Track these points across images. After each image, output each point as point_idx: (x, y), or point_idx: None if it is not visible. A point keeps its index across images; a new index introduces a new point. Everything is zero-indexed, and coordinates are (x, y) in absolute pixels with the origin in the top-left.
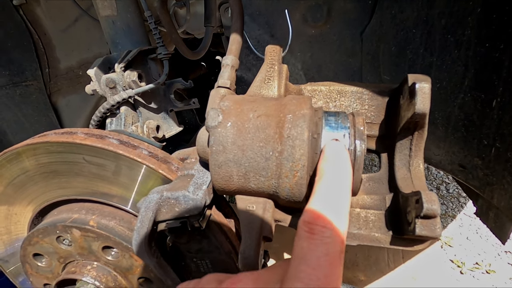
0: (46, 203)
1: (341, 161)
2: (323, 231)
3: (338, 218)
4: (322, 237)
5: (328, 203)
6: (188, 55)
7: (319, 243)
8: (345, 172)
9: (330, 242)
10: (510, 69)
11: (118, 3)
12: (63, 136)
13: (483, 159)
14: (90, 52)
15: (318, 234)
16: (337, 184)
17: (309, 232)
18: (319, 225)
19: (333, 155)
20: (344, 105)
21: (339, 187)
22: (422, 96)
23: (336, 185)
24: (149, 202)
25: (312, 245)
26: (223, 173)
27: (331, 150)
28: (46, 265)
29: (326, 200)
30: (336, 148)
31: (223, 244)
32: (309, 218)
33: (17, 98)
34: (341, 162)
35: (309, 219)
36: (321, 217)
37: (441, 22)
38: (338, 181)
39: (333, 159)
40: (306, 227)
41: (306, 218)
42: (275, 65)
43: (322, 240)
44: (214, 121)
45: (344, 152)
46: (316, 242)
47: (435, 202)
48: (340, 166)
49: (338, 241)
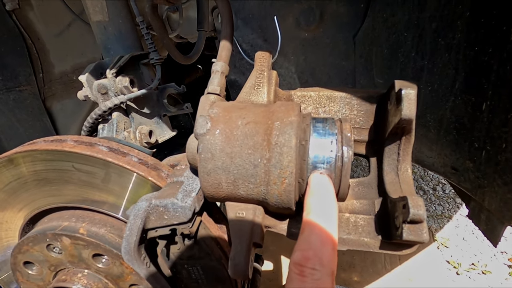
0: (37, 211)
1: (327, 195)
2: (313, 273)
3: (328, 257)
4: (312, 279)
5: (317, 243)
6: (181, 60)
7: (309, 286)
8: (332, 207)
9: (320, 284)
10: (499, 73)
11: (110, 8)
12: (52, 144)
13: (474, 162)
14: (84, 57)
15: (308, 276)
16: (325, 222)
17: (299, 274)
18: (309, 267)
19: (318, 189)
20: (333, 111)
21: (327, 224)
22: (408, 102)
23: (324, 223)
24: (138, 210)
25: (303, 287)
26: (212, 180)
27: (316, 184)
28: (37, 273)
29: (315, 238)
30: (321, 182)
31: (214, 250)
32: (299, 260)
33: (11, 103)
34: (327, 197)
35: (299, 261)
36: (310, 258)
37: (431, 26)
38: (326, 218)
39: (319, 194)
40: (296, 270)
41: (296, 259)
42: (265, 71)
43: (312, 283)
44: (202, 129)
45: (329, 186)
46: (306, 285)
47: (421, 207)
48: (326, 202)
49: (328, 281)
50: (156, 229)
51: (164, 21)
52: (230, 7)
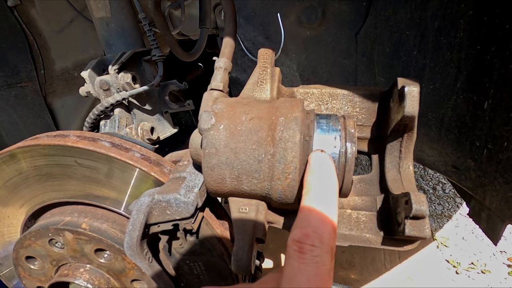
0: (39, 206)
1: (327, 172)
2: (312, 250)
3: (327, 234)
4: (311, 256)
5: (317, 220)
6: (183, 57)
7: (309, 262)
8: (332, 184)
9: (320, 261)
10: (501, 72)
11: (112, 4)
12: (55, 139)
13: (475, 161)
14: (86, 53)
15: (307, 253)
16: (324, 198)
17: (299, 251)
18: (308, 244)
19: (318, 167)
20: (335, 108)
21: (326, 200)
22: (411, 99)
23: (324, 198)
24: (141, 205)
25: (302, 264)
26: (216, 175)
27: (316, 161)
28: (39, 268)
29: (315, 215)
30: (321, 160)
31: (216, 246)
32: (298, 237)
33: (12, 99)
34: (327, 174)
35: (298, 238)
36: (310, 235)
37: (434, 24)
38: (325, 194)
39: (319, 172)
40: (295, 246)
41: (295, 237)
42: (268, 68)
43: (312, 259)
44: (207, 124)
45: (330, 163)
46: (306, 261)
47: (424, 203)
48: (326, 178)
49: (328, 259)
50: (159, 224)
51: (166, 18)
52: (234, 4)
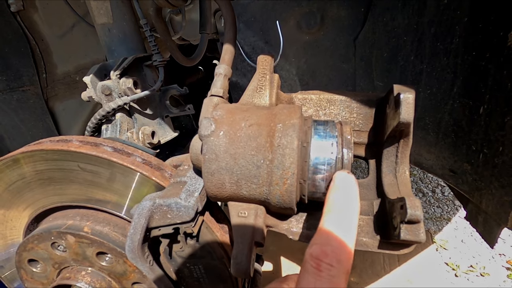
0: (41, 209)
1: (351, 194)
2: (329, 269)
3: (345, 256)
4: (328, 275)
5: (336, 239)
6: (183, 62)
7: (325, 280)
8: (355, 207)
9: (336, 281)
10: (496, 77)
11: (114, 11)
12: (58, 143)
13: (472, 165)
14: (87, 58)
15: (325, 271)
16: (346, 219)
17: (316, 268)
18: (326, 262)
19: (344, 187)
20: (333, 113)
21: (348, 222)
22: (406, 106)
23: (346, 220)
24: (142, 209)
25: (318, 281)
26: (216, 180)
27: (342, 180)
28: (41, 271)
29: (335, 235)
30: (347, 180)
31: (216, 249)
32: (317, 254)
33: (14, 103)
34: (351, 195)
35: (317, 255)
36: (329, 255)
37: (430, 30)
38: (348, 215)
39: (344, 192)
40: (313, 262)
41: (313, 253)
42: (267, 74)
43: (328, 278)
44: (207, 130)
45: (355, 186)
46: (322, 279)
47: (418, 208)
48: (350, 200)
49: (343, 280)
50: (160, 228)
51: (167, 23)
52: (233, 10)
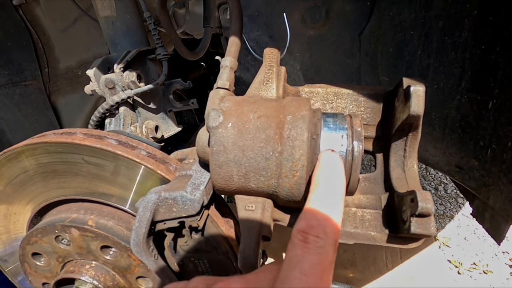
0: (45, 203)
1: (336, 171)
2: (316, 241)
3: (332, 228)
4: (315, 246)
5: (322, 213)
6: (187, 56)
7: (312, 252)
8: (340, 182)
9: (323, 252)
10: (506, 72)
11: (118, 3)
12: (62, 136)
13: (479, 160)
14: (90, 52)
15: (312, 243)
16: (331, 194)
17: (303, 240)
18: (313, 235)
19: (328, 165)
20: (340, 107)
21: (333, 197)
22: (416, 98)
23: (331, 195)
24: (147, 202)
25: (305, 253)
26: (224, 173)
27: (327, 159)
28: (45, 265)
29: (321, 210)
30: (331, 158)
31: (221, 243)
32: (304, 227)
33: (16, 97)
34: (336, 172)
35: (304, 228)
36: (315, 227)
37: (438, 24)
38: (333, 190)
39: (329, 169)
40: (300, 236)
41: (300, 227)
42: (274, 67)
43: (315, 249)
44: (215, 122)
45: (339, 162)
46: (309, 251)
47: (430, 201)
48: (335, 176)
49: (330, 251)
50: (165, 222)
51: (170, 17)
52: (240, 3)
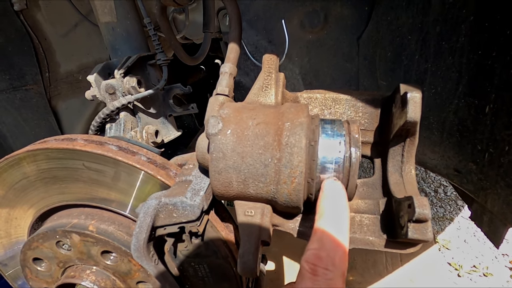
0: (46, 208)
1: (340, 199)
2: (325, 273)
3: (340, 259)
4: (325, 279)
5: (330, 244)
6: (187, 61)
7: (322, 284)
8: (344, 211)
9: (332, 284)
10: (502, 77)
11: (118, 9)
12: (63, 142)
13: (477, 164)
14: (90, 57)
15: (321, 276)
16: (337, 223)
17: (312, 273)
18: (321, 267)
19: (332, 194)
20: (339, 112)
21: (339, 226)
22: (413, 105)
23: (336, 224)
24: (148, 208)
25: (315, 286)
26: (223, 179)
27: (330, 188)
28: (45, 270)
29: (328, 240)
30: (334, 187)
31: (221, 248)
32: (312, 259)
33: (17, 102)
34: (340, 201)
35: (312, 260)
36: (324, 258)
37: (435, 29)
38: (338, 220)
39: (332, 198)
40: (309, 268)
41: (308, 259)
42: (272, 73)
43: (325, 282)
44: (214, 129)
45: (342, 191)
46: (319, 283)
47: (426, 206)
48: (339, 205)
49: (340, 282)
50: (165, 227)
51: (170, 22)
52: (239, 9)
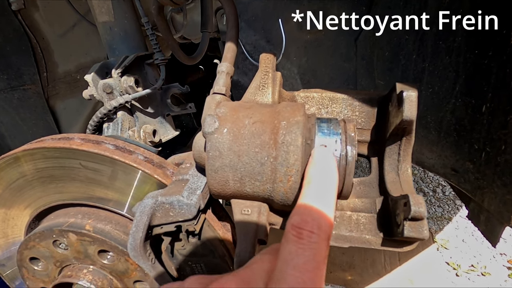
0: (43, 208)
1: (329, 167)
2: (310, 236)
3: (325, 223)
4: (309, 242)
5: (316, 209)
6: (185, 61)
7: (306, 248)
8: (332, 177)
9: (317, 247)
10: (498, 76)
11: (116, 9)
12: (60, 141)
13: (474, 163)
14: (88, 57)
15: (305, 239)
16: (324, 190)
17: (297, 236)
18: (306, 230)
19: (321, 161)
20: (335, 112)
21: (326, 192)
22: (409, 104)
23: (324, 190)
24: (144, 207)
25: (299, 249)
26: (219, 178)
27: (319, 155)
28: (42, 269)
29: (314, 205)
30: (324, 154)
31: (217, 247)
32: (297, 222)
33: (15, 102)
34: (329, 168)
35: (297, 223)
36: (309, 222)
37: (432, 29)
38: (325, 186)
39: (321, 165)
40: (294, 231)
41: (294, 222)
42: (269, 72)
43: (309, 245)
44: (210, 128)
45: (332, 158)
46: (303, 246)
47: (422, 205)
48: (328, 172)
49: (324, 246)
50: (162, 226)
51: (168, 22)
52: (236, 9)
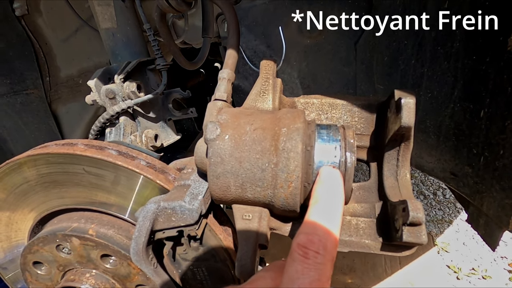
0: (46, 212)
1: (336, 186)
2: (316, 257)
3: (331, 244)
4: (315, 262)
5: (322, 228)
6: (186, 66)
7: (312, 268)
8: (339, 197)
9: (322, 268)
10: (496, 81)
11: (118, 16)
12: (63, 147)
13: (473, 168)
14: (90, 61)
15: (311, 259)
16: (330, 209)
17: (303, 256)
18: (312, 250)
19: (328, 180)
20: (335, 117)
21: (332, 211)
22: (407, 110)
23: (330, 209)
24: (147, 212)
25: (305, 269)
26: (221, 183)
27: (327, 174)
28: (45, 273)
29: (320, 224)
30: (331, 173)
31: (219, 252)
32: (304, 242)
33: (18, 106)
34: (336, 187)
35: (303, 243)
36: (315, 243)
37: (431, 34)
38: (332, 205)
39: (328, 184)
40: (300, 251)
41: (300, 242)
42: (270, 79)
43: (315, 266)
44: (212, 134)
45: (339, 179)
46: (309, 266)
47: (420, 210)
48: (335, 191)
49: (329, 267)
50: (164, 231)
51: (169, 27)
52: (237, 16)
